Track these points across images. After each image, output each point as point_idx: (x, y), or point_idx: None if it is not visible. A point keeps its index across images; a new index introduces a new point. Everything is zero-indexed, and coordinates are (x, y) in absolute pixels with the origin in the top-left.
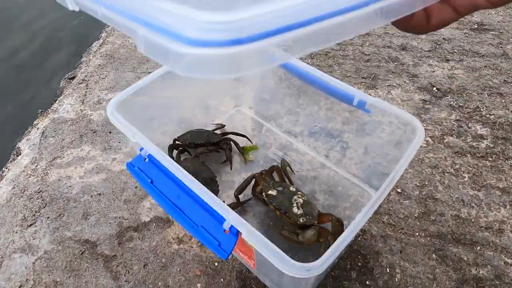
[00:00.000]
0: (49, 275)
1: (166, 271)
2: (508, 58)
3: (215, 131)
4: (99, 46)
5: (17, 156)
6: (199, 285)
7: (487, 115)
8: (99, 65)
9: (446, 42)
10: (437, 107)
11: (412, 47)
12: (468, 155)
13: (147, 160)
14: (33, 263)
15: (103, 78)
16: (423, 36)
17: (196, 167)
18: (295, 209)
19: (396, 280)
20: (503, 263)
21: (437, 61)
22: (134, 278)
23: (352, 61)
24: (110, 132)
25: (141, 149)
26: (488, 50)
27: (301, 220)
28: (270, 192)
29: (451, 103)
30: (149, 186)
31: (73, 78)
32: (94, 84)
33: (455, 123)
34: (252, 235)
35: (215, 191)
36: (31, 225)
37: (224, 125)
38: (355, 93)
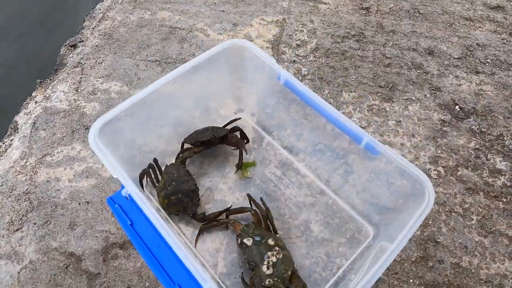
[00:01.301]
0: (33, 287)
1: None
2: None
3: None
4: (98, 21)
5: (15, 131)
6: None
7: (510, 146)
8: (97, 46)
9: (480, 48)
10: (456, 130)
11: (440, 52)
12: (481, 193)
13: (128, 198)
14: (18, 272)
15: (99, 63)
16: (454, 39)
17: (180, 176)
18: (264, 268)
19: None
20: None
21: (465, 72)
22: None
23: (371, 64)
24: None
25: (122, 187)
26: None
27: (266, 282)
28: (245, 240)
29: (473, 127)
30: (129, 229)
31: (74, 46)
32: (89, 70)
33: (473, 152)
34: None
35: (195, 205)
36: (17, 230)
37: (239, 117)
38: (364, 136)
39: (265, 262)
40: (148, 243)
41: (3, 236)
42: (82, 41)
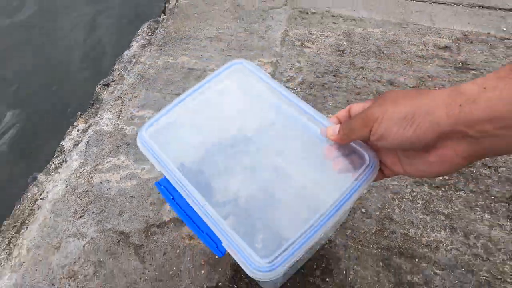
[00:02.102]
0: (95, 255)
1: (179, 259)
2: None
3: None
4: (133, 65)
5: (61, 153)
6: (203, 271)
7: None
8: (132, 83)
9: (430, 79)
10: None
11: (399, 82)
12: (426, 185)
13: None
14: (83, 246)
15: (135, 97)
16: (410, 72)
17: None
18: None
19: (349, 279)
20: (432, 273)
21: None
22: (156, 262)
23: (345, 93)
24: None
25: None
26: None
27: None
28: None
29: None
30: (171, 201)
31: (107, 85)
32: (128, 102)
33: None
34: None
35: None
36: (80, 217)
37: None
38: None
39: None
40: (185, 208)
41: (70, 221)
42: (114, 80)
